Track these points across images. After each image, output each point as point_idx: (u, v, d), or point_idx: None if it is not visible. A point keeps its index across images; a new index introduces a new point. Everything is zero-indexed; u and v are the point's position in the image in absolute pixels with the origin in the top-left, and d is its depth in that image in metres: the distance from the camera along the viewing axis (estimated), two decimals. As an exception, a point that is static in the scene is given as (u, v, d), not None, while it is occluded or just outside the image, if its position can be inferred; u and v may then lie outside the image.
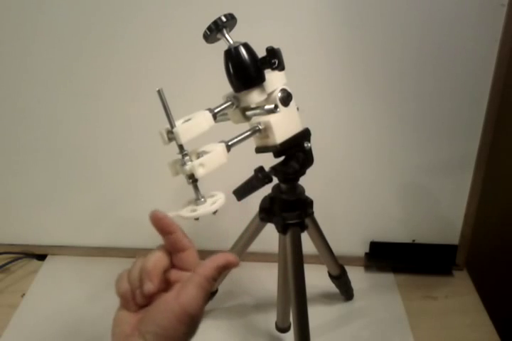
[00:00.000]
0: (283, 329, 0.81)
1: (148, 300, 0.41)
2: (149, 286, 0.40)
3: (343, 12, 0.73)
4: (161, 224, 0.42)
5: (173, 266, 0.44)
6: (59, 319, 0.86)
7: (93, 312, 0.87)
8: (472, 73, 0.77)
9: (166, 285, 0.42)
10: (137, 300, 0.41)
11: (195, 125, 0.47)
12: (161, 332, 0.38)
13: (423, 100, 0.80)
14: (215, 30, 0.51)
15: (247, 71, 0.51)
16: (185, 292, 0.39)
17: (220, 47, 0.52)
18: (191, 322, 0.39)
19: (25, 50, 0.79)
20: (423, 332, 0.83)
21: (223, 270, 0.41)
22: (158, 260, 0.42)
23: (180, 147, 0.45)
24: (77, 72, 0.81)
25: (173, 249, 0.43)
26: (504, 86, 0.77)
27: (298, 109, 0.57)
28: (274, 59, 0.50)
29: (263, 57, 0.51)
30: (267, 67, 0.52)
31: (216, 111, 0.50)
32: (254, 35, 0.52)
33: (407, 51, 0.76)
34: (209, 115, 0.48)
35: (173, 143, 0.46)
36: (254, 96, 0.53)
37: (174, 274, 0.43)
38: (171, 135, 0.45)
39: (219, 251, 0.77)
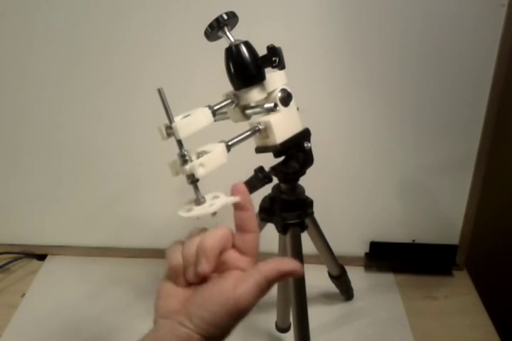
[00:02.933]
0: (283, 329, 0.81)
1: (200, 279, 0.40)
2: (205, 267, 0.38)
3: (344, 12, 0.73)
4: (241, 198, 0.41)
5: (232, 246, 0.42)
6: (59, 319, 0.86)
7: (93, 312, 0.87)
8: (472, 73, 0.77)
9: (220, 265, 0.41)
10: (188, 277, 0.40)
11: (194, 121, 0.47)
12: (209, 319, 0.37)
13: (423, 100, 0.80)
14: (216, 28, 0.51)
15: (247, 69, 0.51)
16: (243, 287, 0.38)
17: (221, 46, 0.52)
18: (240, 316, 0.38)
19: (26, 50, 0.79)
20: (423, 332, 0.83)
21: (285, 276, 0.40)
22: (220, 239, 0.40)
23: (179, 142, 0.45)
24: (77, 71, 0.81)
25: (240, 228, 0.42)
26: (504, 86, 0.77)
27: (298, 109, 0.57)
28: (274, 57, 0.50)
29: (264, 56, 0.51)
30: (268, 66, 0.52)
31: (216, 108, 0.50)
32: (254, 36, 0.52)
33: (407, 51, 0.76)
34: (208, 111, 0.48)
35: (173, 143, 0.46)
36: (254, 95, 0.53)
37: (232, 256, 0.42)
38: (169, 130, 0.45)
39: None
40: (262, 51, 0.52)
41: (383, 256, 0.96)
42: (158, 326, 0.39)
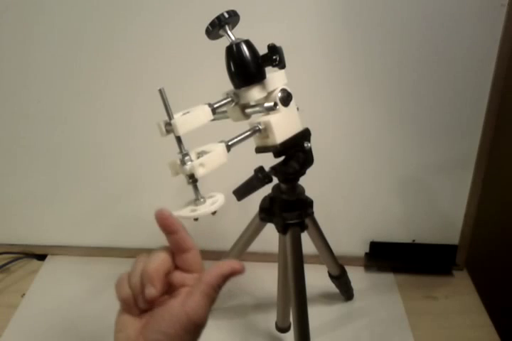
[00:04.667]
0: (283, 329, 0.81)
1: (151, 304, 0.40)
2: (151, 291, 0.39)
3: (344, 12, 0.73)
4: (166, 223, 0.41)
5: (175, 267, 0.43)
6: (59, 319, 0.86)
7: (93, 311, 0.87)
8: (472, 73, 0.77)
9: (169, 287, 0.41)
10: (139, 304, 0.40)
11: (193, 117, 0.47)
12: (166, 340, 0.38)
13: (423, 100, 0.80)
14: (217, 26, 0.51)
15: (248, 67, 0.51)
16: (191, 300, 0.39)
17: (222, 45, 0.52)
18: (196, 330, 0.39)
19: (25, 50, 0.79)
20: (423, 332, 0.83)
21: (229, 277, 0.40)
22: (161, 263, 0.41)
23: (178, 139, 0.45)
24: (77, 71, 0.81)
25: (176, 250, 0.42)
26: (504, 86, 0.77)
27: (298, 109, 0.57)
28: (275, 55, 0.50)
29: (264, 55, 0.51)
30: (268, 65, 0.52)
31: (215, 106, 0.50)
32: (254, 36, 0.52)
33: (407, 51, 0.76)
34: (208, 109, 0.48)
35: (174, 143, 0.46)
36: (254, 94, 0.53)
37: (177, 276, 0.42)
38: (168, 127, 0.45)
39: (219, 251, 0.77)
40: (262, 51, 0.52)
41: (383, 256, 0.96)
42: None
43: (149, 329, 0.39)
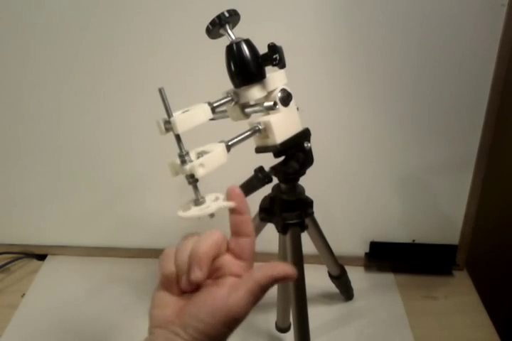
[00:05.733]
0: (283, 329, 0.81)
1: (194, 286, 0.39)
2: (198, 275, 0.37)
3: (344, 12, 0.73)
4: (238, 201, 0.41)
5: (228, 250, 0.41)
6: (59, 319, 0.86)
7: (93, 311, 0.87)
8: (472, 73, 0.77)
9: (215, 271, 0.40)
10: (182, 285, 0.39)
11: (192, 116, 0.46)
12: (203, 329, 0.37)
13: (423, 100, 0.80)
14: (217, 25, 0.51)
15: (248, 66, 0.51)
16: (236, 295, 0.38)
17: (222, 44, 0.52)
18: (234, 325, 0.38)
19: (25, 50, 0.79)
20: (423, 332, 0.83)
21: (279, 281, 0.39)
22: (213, 245, 0.39)
23: (177, 137, 0.45)
24: (76, 70, 0.81)
25: (236, 232, 0.41)
26: (504, 86, 0.77)
27: (298, 109, 0.57)
28: (275, 55, 0.50)
29: (264, 54, 0.51)
30: (268, 64, 0.52)
31: (215, 105, 0.50)
32: (254, 36, 0.52)
33: (407, 51, 0.76)
34: (207, 107, 0.48)
35: (174, 143, 0.45)
36: (254, 93, 0.53)
37: (226, 261, 0.41)
38: (168, 125, 0.45)
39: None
40: (262, 51, 0.52)
41: (383, 256, 0.96)
42: (153, 336, 0.38)
43: (189, 314, 0.38)
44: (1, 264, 0.97)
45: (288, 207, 0.64)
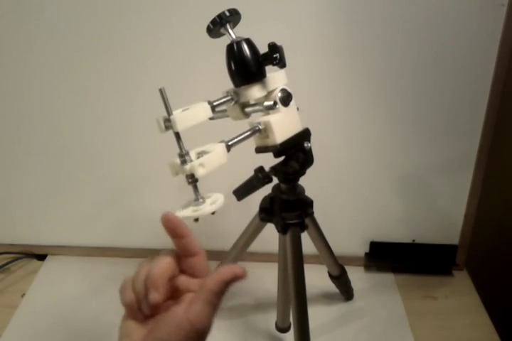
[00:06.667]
0: (283, 329, 0.81)
1: (156, 309, 0.40)
2: (155, 296, 0.38)
3: (344, 12, 0.73)
4: (173, 227, 0.41)
5: (181, 271, 0.42)
6: (59, 319, 0.86)
7: (93, 311, 0.87)
8: (472, 73, 0.77)
9: (174, 292, 0.41)
10: (144, 310, 0.39)
11: (192, 114, 0.46)
12: None
13: (423, 100, 0.80)
14: (218, 24, 0.51)
15: (248, 66, 0.51)
16: (194, 308, 0.38)
17: (222, 44, 0.52)
18: (199, 338, 0.38)
19: (25, 50, 0.79)
20: (423, 332, 0.83)
21: (231, 283, 0.39)
22: (165, 267, 0.40)
23: (177, 135, 0.45)
24: (77, 70, 0.81)
25: (183, 254, 0.42)
26: (504, 86, 0.77)
27: (298, 109, 0.57)
28: (275, 54, 0.50)
29: (265, 53, 0.52)
30: (269, 63, 0.52)
31: (215, 103, 0.50)
32: (254, 36, 0.52)
33: (407, 51, 0.76)
34: (207, 106, 0.48)
35: (174, 143, 0.46)
36: (254, 92, 0.53)
37: (182, 281, 0.42)
38: (167, 123, 0.45)
39: (219, 251, 0.77)
40: (263, 51, 0.52)
41: (383, 256, 0.96)
42: None
43: (152, 336, 0.39)
44: (1, 264, 0.97)
45: (288, 207, 0.64)
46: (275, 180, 0.60)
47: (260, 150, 0.56)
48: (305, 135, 0.58)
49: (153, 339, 0.38)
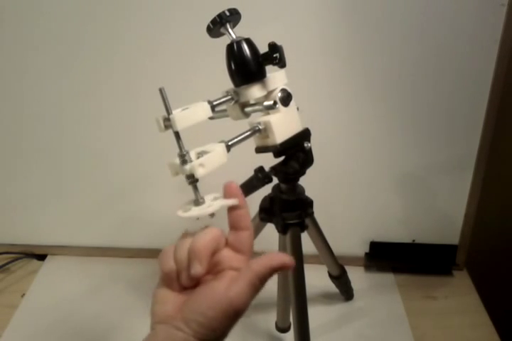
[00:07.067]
0: (283, 329, 0.81)
1: (194, 282, 0.40)
2: (198, 269, 0.37)
3: (344, 13, 0.73)
4: (233, 195, 0.41)
5: (226, 243, 0.42)
6: (59, 319, 0.86)
7: (93, 311, 0.87)
8: (472, 73, 0.77)
9: (214, 266, 0.40)
10: (183, 281, 0.39)
11: (192, 113, 0.46)
12: (205, 322, 0.37)
13: (423, 100, 0.80)
14: (218, 24, 0.51)
15: (248, 65, 0.51)
16: (236, 287, 0.38)
17: (222, 43, 0.52)
18: (236, 317, 0.38)
19: (25, 50, 0.79)
20: (423, 332, 0.83)
21: (277, 270, 0.39)
22: (211, 240, 0.39)
23: (176, 135, 0.45)
24: (77, 70, 0.81)
25: (234, 226, 0.42)
26: (504, 86, 0.77)
27: (298, 109, 0.57)
28: (275, 54, 0.50)
29: (265, 53, 0.51)
30: (269, 63, 0.52)
31: (215, 103, 0.50)
32: (254, 36, 0.52)
33: (407, 51, 0.76)
34: (207, 106, 0.48)
35: (174, 143, 0.45)
36: (254, 92, 0.53)
37: (225, 255, 0.41)
38: (167, 122, 0.45)
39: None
40: (263, 51, 0.52)
41: (383, 256, 0.96)
42: (156, 332, 0.39)
43: (190, 308, 0.38)
44: (1, 264, 0.97)
45: (288, 207, 0.64)
46: (275, 180, 0.60)
47: (260, 150, 0.56)
48: (305, 135, 0.58)
49: (190, 311, 0.38)
